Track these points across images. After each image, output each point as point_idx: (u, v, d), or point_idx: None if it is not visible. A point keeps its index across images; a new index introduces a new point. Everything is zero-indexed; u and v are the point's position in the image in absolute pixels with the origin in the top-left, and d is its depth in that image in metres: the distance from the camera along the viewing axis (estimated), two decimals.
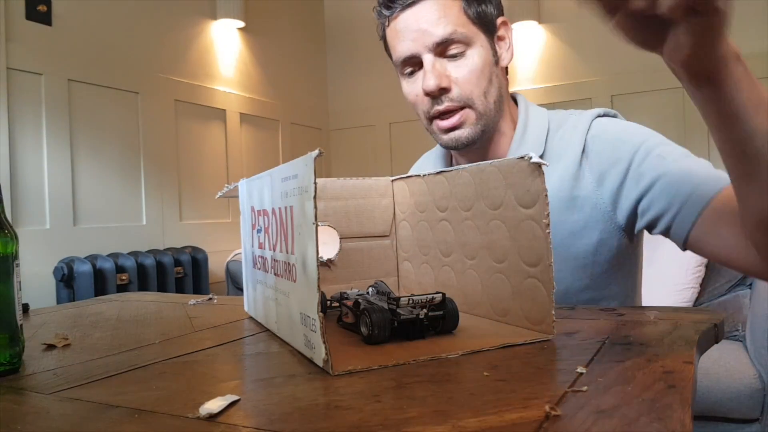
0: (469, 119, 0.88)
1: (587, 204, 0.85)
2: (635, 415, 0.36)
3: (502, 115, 0.93)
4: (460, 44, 0.86)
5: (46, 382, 0.51)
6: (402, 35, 0.87)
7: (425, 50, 0.86)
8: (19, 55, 2.11)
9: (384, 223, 0.88)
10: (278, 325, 0.64)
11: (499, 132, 0.93)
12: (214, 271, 2.77)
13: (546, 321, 0.58)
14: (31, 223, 2.15)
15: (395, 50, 0.90)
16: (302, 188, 0.51)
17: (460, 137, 0.88)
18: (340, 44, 3.82)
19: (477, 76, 0.87)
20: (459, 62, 0.86)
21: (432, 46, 0.85)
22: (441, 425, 0.36)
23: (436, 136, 0.91)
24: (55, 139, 2.22)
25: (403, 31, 0.87)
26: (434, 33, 0.85)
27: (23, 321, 0.58)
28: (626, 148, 0.83)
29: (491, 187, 0.65)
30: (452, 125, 0.88)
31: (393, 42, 0.90)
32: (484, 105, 0.88)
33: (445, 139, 0.90)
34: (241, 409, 0.41)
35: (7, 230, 0.55)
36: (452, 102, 0.87)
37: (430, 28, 0.85)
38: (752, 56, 2.69)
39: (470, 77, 0.86)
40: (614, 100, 3.02)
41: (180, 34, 2.82)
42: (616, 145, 0.84)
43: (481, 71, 0.87)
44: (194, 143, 2.86)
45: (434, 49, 0.86)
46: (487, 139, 0.92)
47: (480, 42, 0.88)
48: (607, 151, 0.84)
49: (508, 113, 0.94)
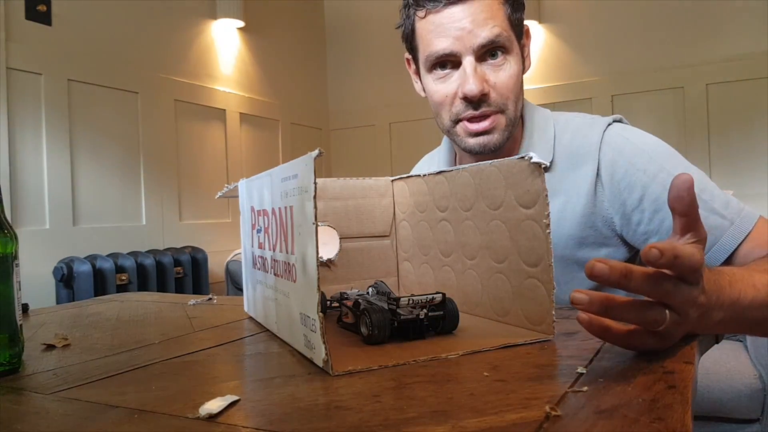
0: (500, 125, 0.86)
1: (599, 220, 0.85)
2: (635, 415, 0.36)
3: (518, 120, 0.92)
4: (501, 49, 0.84)
5: (46, 382, 0.51)
6: (443, 30, 0.84)
7: (468, 51, 0.83)
8: (19, 55, 2.11)
9: (384, 223, 0.88)
10: (278, 325, 0.64)
11: (512, 138, 0.92)
12: (214, 271, 2.77)
13: (546, 321, 0.58)
14: (30, 223, 2.15)
15: (430, 44, 0.85)
16: (302, 188, 0.51)
17: (489, 142, 0.86)
18: (340, 44, 3.82)
19: (514, 83, 0.85)
20: (498, 68, 0.85)
21: (476, 48, 0.83)
22: (441, 425, 0.36)
23: (460, 138, 0.89)
24: (54, 139, 2.22)
25: (445, 26, 0.83)
26: (480, 35, 0.82)
27: (23, 321, 0.58)
28: (640, 176, 0.81)
29: (491, 187, 0.65)
30: (483, 129, 0.86)
31: (428, 36, 0.85)
32: (514, 113, 0.87)
33: (471, 142, 0.87)
34: (241, 409, 0.41)
35: (7, 230, 0.55)
36: (489, 108, 0.85)
37: (476, 29, 0.82)
38: (752, 56, 2.69)
39: (509, 84, 0.85)
40: (614, 100, 3.02)
41: (180, 34, 2.81)
42: (630, 171, 0.82)
43: (517, 78, 0.86)
44: (194, 143, 2.86)
45: (477, 51, 0.83)
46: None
47: (516, 49, 0.86)
48: (619, 173, 0.82)
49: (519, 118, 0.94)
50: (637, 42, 2.98)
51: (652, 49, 2.95)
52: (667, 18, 2.92)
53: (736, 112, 2.79)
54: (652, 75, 2.95)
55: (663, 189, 0.79)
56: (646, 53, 2.96)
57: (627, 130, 0.87)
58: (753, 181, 2.75)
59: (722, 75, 2.79)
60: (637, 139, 0.85)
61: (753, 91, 2.73)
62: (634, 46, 2.98)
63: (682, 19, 2.89)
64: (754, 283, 0.57)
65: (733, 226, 0.77)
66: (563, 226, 0.85)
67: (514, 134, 0.91)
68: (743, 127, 2.78)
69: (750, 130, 2.76)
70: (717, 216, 0.77)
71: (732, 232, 0.76)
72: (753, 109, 2.75)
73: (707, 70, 2.82)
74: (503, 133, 0.86)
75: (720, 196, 0.79)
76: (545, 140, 0.89)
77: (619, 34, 3.02)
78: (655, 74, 2.94)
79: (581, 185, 0.85)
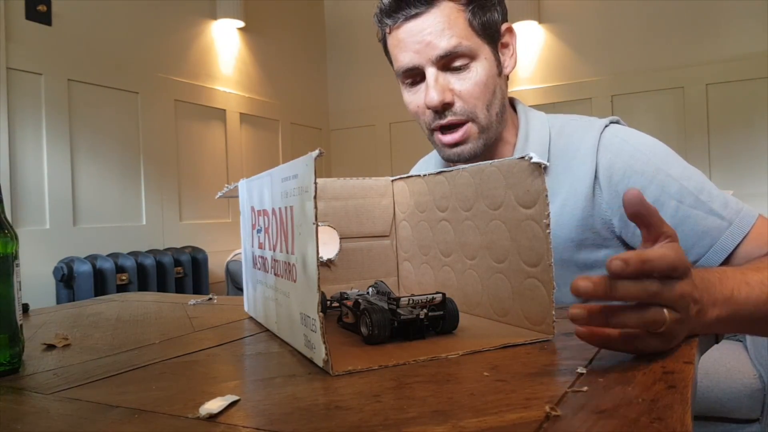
0: (472, 134, 0.87)
1: (597, 222, 0.84)
2: (635, 415, 0.36)
3: (505, 124, 0.92)
4: (464, 57, 0.84)
5: (46, 382, 0.51)
6: (404, 45, 0.85)
7: (428, 63, 0.84)
8: (19, 55, 2.11)
9: (384, 223, 0.88)
10: (278, 325, 0.64)
11: (503, 141, 0.92)
12: (214, 271, 2.77)
13: (546, 321, 0.58)
14: (31, 223, 2.15)
15: (397, 60, 0.88)
16: (302, 188, 0.51)
17: (463, 152, 0.87)
18: (340, 44, 3.82)
19: (481, 89, 0.85)
20: (463, 75, 0.85)
21: (435, 59, 0.84)
22: (441, 425, 0.36)
23: (439, 148, 0.91)
24: (55, 139, 2.22)
25: (405, 41, 0.85)
26: (438, 46, 0.83)
27: (23, 321, 0.58)
28: (638, 178, 0.81)
29: (491, 187, 0.65)
30: (455, 141, 0.87)
31: (394, 51, 0.88)
32: (487, 119, 0.87)
33: (448, 152, 0.89)
34: (241, 409, 0.41)
35: (7, 230, 0.55)
36: (455, 116, 0.86)
37: (434, 40, 0.83)
38: (752, 56, 2.69)
39: (474, 91, 0.85)
40: (614, 100, 3.02)
41: (180, 34, 2.82)
42: (627, 174, 0.82)
43: (485, 85, 0.85)
44: (194, 143, 2.86)
45: (437, 62, 0.84)
46: (490, 149, 0.91)
47: (484, 54, 0.86)
48: (617, 176, 0.82)
49: (510, 121, 0.93)
50: (637, 42, 2.98)
51: (652, 49, 2.95)
52: (667, 18, 2.92)
53: (736, 112, 2.79)
54: (652, 75, 2.95)
55: (661, 190, 0.79)
56: (646, 53, 2.96)
57: (624, 132, 0.86)
58: (753, 181, 2.75)
59: (722, 75, 2.79)
60: (635, 140, 0.85)
61: (753, 91, 2.73)
62: (634, 46, 2.98)
63: (682, 19, 2.89)
64: (747, 280, 0.57)
65: (732, 227, 0.77)
66: (562, 229, 0.85)
67: (502, 137, 0.91)
68: (743, 127, 2.78)
69: (750, 130, 2.76)
70: (715, 217, 0.77)
71: (730, 232, 0.76)
72: (753, 109, 2.75)
73: (707, 70, 2.82)
74: (477, 141, 0.87)
75: (718, 197, 0.79)
76: (540, 143, 0.89)
77: (619, 34, 3.02)
78: (655, 74, 2.94)
79: (579, 188, 0.85)
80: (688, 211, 0.78)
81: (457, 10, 0.84)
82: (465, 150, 0.87)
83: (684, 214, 0.78)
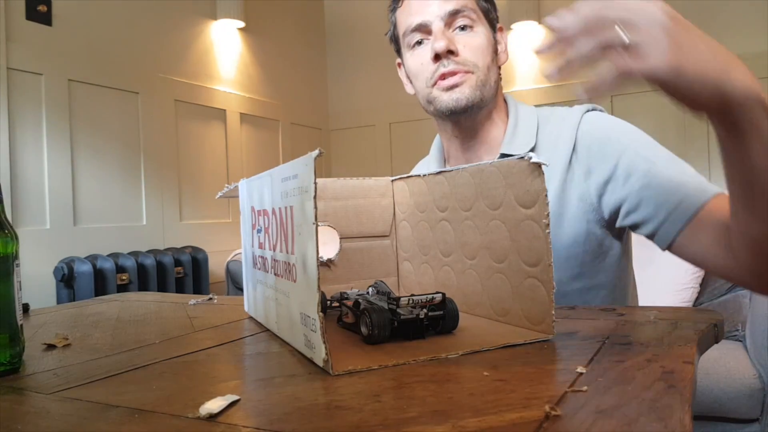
0: (469, 81, 0.90)
1: (575, 195, 0.87)
2: (635, 415, 0.36)
3: (496, 103, 0.96)
4: (469, 19, 0.90)
5: (46, 382, 0.51)
6: (416, 8, 0.92)
7: (437, 18, 0.90)
8: (19, 55, 2.11)
9: (384, 223, 0.88)
10: (278, 325, 0.64)
11: (492, 122, 0.96)
12: (214, 271, 2.77)
13: (546, 321, 0.58)
14: (31, 223, 2.15)
15: (406, 22, 0.93)
16: (302, 188, 0.51)
17: (460, 97, 0.90)
18: (340, 44, 3.82)
19: (483, 50, 0.91)
20: (467, 33, 0.91)
21: (444, 15, 0.90)
22: (441, 425, 0.36)
23: (437, 100, 0.92)
24: (55, 139, 2.22)
25: (418, 4, 0.92)
26: (448, 2, 0.89)
27: (23, 321, 0.58)
28: (615, 146, 0.84)
29: (491, 187, 0.65)
30: (454, 83, 0.90)
31: (405, 18, 0.94)
32: (485, 75, 0.91)
33: (445, 98, 0.91)
34: (241, 409, 0.41)
35: (7, 230, 0.55)
36: (458, 65, 0.90)
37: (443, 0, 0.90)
38: (752, 56, 2.69)
39: (477, 47, 0.90)
40: (614, 100, 3.03)
41: (180, 34, 2.82)
42: (605, 141, 0.86)
43: (486, 48, 0.91)
44: (194, 143, 2.86)
45: (445, 18, 0.90)
46: (481, 120, 0.94)
47: (484, 29, 0.92)
48: (595, 145, 0.86)
49: (501, 106, 0.97)
50: None
51: None
52: None
53: None
54: None
55: (635, 155, 0.82)
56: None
57: (604, 115, 0.92)
58: None
59: None
60: (613, 120, 0.90)
61: None
62: None
63: None
64: None
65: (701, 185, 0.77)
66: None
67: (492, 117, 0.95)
68: None
69: None
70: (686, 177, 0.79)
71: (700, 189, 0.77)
72: None
73: None
74: (474, 91, 0.90)
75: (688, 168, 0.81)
76: (528, 127, 0.94)
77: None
78: None
79: (558, 162, 0.88)
80: (660, 170, 0.80)
81: None
82: (462, 94, 0.90)
83: (656, 172, 0.80)
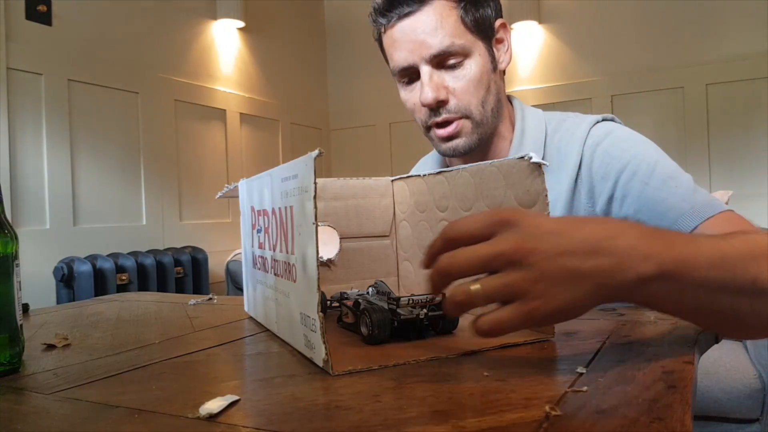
0: (465, 128, 0.88)
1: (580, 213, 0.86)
2: (635, 415, 0.36)
3: (501, 119, 0.93)
4: (457, 56, 0.85)
5: (46, 382, 0.51)
6: (399, 45, 0.87)
7: (422, 62, 0.85)
8: (19, 55, 2.11)
9: (384, 223, 0.88)
10: (278, 325, 0.64)
11: (499, 135, 0.93)
12: (214, 271, 2.77)
13: None
14: (31, 223, 2.15)
15: (392, 59, 0.89)
16: (302, 188, 0.51)
17: (458, 146, 0.89)
18: (340, 44, 3.82)
19: (474, 86, 0.86)
20: (457, 73, 0.86)
21: (429, 58, 0.85)
22: (441, 425, 0.36)
23: (435, 143, 0.92)
24: (55, 139, 2.22)
25: (400, 40, 0.86)
26: (432, 44, 0.84)
27: (23, 321, 0.58)
28: (615, 164, 0.82)
29: (491, 187, 0.65)
30: (449, 134, 0.88)
31: (390, 50, 0.89)
32: (481, 114, 0.88)
33: (443, 147, 0.90)
34: (241, 409, 0.41)
35: (7, 230, 0.55)
36: (450, 114, 0.87)
37: (427, 39, 0.84)
38: (752, 56, 2.69)
39: (468, 88, 0.86)
40: (614, 100, 3.02)
41: (180, 34, 2.82)
42: (606, 160, 0.83)
43: (479, 81, 0.86)
44: (194, 143, 2.86)
45: (431, 61, 0.85)
46: (486, 144, 0.92)
47: (478, 51, 0.87)
48: (597, 164, 0.84)
49: (507, 116, 0.94)
50: (637, 42, 2.98)
51: (652, 49, 2.95)
52: (667, 18, 2.92)
53: (736, 112, 2.79)
54: (652, 75, 2.95)
55: (632, 175, 0.80)
56: (646, 53, 2.96)
57: (612, 126, 0.88)
58: (753, 181, 2.75)
59: (722, 75, 2.79)
60: (620, 132, 0.86)
61: (753, 91, 2.73)
62: (634, 46, 2.98)
63: (682, 19, 2.89)
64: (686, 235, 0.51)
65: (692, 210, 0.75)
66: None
67: (499, 131, 0.92)
68: (743, 128, 2.78)
69: (750, 131, 2.76)
70: (678, 200, 0.77)
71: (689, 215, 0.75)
72: (753, 109, 2.75)
73: (707, 70, 2.82)
74: (471, 136, 0.88)
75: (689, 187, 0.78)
76: (535, 139, 0.91)
77: (619, 34, 3.02)
78: (655, 74, 2.94)
79: (564, 179, 0.86)
80: (651, 193, 0.78)
81: (449, 7, 0.84)
82: (459, 144, 0.89)
83: (647, 195, 0.78)
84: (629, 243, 0.43)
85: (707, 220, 0.73)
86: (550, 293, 0.42)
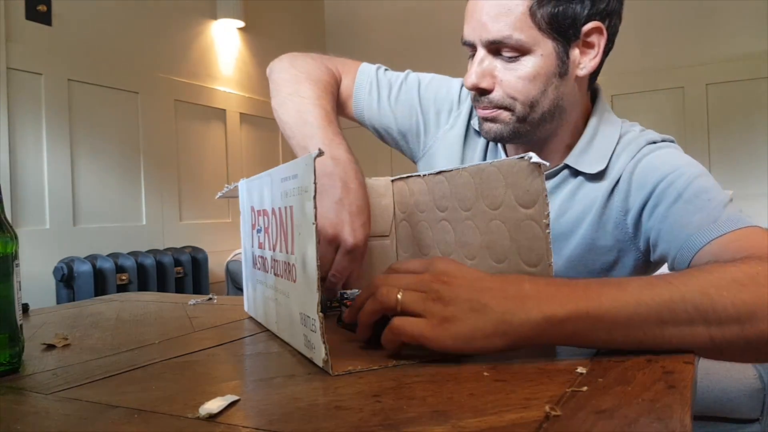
0: (502, 117, 0.84)
1: (610, 222, 0.84)
2: (635, 415, 0.36)
3: (561, 123, 0.87)
4: (513, 50, 0.80)
5: (46, 382, 0.51)
6: (468, 18, 0.84)
7: (480, 43, 0.82)
8: (19, 55, 2.11)
9: (384, 223, 0.88)
10: (278, 325, 0.64)
11: (557, 138, 0.88)
12: (214, 271, 2.77)
13: None
14: (31, 223, 2.15)
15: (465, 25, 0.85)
16: (302, 188, 0.51)
17: (490, 131, 0.86)
18: (340, 44, 3.82)
19: (524, 85, 0.81)
20: (510, 65, 0.81)
21: (485, 42, 0.81)
22: (441, 425, 0.36)
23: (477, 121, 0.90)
24: (55, 139, 2.22)
25: (470, 14, 0.83)
26: (490, 30, 0.79)
27: (23, 321, 0.58)
28: (655, 174, 0.79)
29: (491, 187, 0.65)
30: (485, 116, 0.85)
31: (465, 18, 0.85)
32: (524, 112, 0.82)
33: (481, 128, 0.88)
34: (241, 409, 0.41)
35: (7, 230, 0.55)
36: (490, 104, 0.83)
37: (488, 23, 0.79)
38: (752, 56, 2.69)
39: (517, 84, 0.81)
40: (614, 100, 3.03)
41: (180, 34, 2.82)
42: (647, 170, 0.80)
43: (531, 81, 0.80)
44: (194, 143, 2.86)
45: (488, 45, 0.81)
46: (539, 143, 0.88)
47: (543, 50, 0.79)
48: (638, 173, 0.81)
49: (569, 122, 0.88)
50: (637, 42, 2.98)
51: (652, 49, 2.95)
52: (667, 18, 2.92)
53: (736, 112, 2.79)
54: (652, 75, 2.95)
55: (669, 185, 0.77)
56: (646, 53, 2.96)
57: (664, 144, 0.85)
58: (753, 181, 2.75)
59: (722, 75, 2.79)
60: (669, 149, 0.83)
61: (753, 91, 2.73)
62: (634, 46, 2.98)
63: (682, 19, 2.89)
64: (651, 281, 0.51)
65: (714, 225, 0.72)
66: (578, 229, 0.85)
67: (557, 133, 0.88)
68: (743, 128, 2.78)
69: (750, 130, 2.77)
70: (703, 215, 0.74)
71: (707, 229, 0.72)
72: (753, 109, 2.75)
73: (707, 70, 2.82)
74: (506, 125, 0.84)
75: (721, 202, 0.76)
76: (603, 149, 0.85)
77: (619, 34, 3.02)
78: (655, 74, 2.94)
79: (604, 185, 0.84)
80: (682, 204, 0.76)
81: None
82: (492, 129, 0.85)
83: (677, 206, 0.76)
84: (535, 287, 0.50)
85: (724, 235, 0.71)
86: (458, 316, 0.49)
